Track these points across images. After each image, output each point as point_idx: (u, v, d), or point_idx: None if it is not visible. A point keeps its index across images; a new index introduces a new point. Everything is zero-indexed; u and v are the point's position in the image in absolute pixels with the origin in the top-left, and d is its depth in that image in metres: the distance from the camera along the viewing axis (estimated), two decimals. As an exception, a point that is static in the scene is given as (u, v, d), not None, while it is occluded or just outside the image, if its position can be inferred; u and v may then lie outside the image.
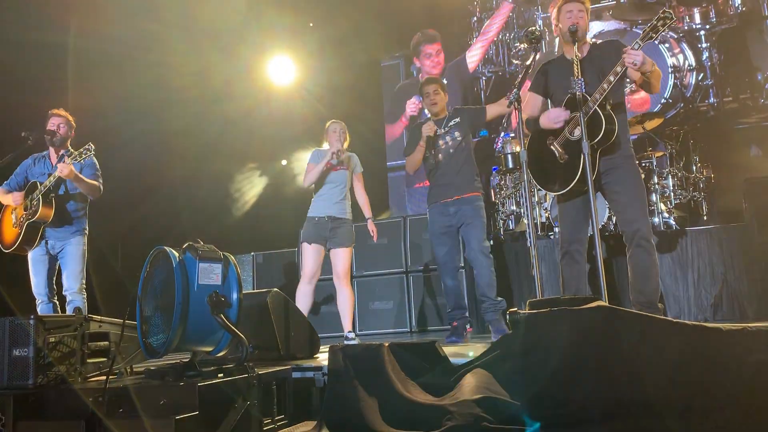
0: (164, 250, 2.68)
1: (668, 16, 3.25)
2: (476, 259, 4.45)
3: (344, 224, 4.86)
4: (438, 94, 4.73)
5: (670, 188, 6.18)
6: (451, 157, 4.61)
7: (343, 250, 4.79)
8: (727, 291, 5.30)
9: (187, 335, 2.59)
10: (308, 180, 4.84)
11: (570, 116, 3.59)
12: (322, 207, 4.86)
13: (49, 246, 4.56)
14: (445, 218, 4.61)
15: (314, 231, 4.80)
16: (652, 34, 3.30)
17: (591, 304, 2.20)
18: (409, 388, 2.47)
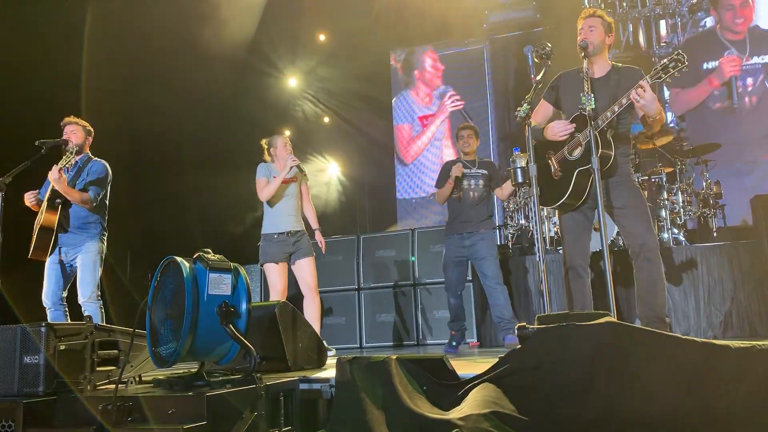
0: (175, 259, 2.70)
1: (680, 59, 3.17)
2: (494, 289, 5.06)
3: (303, 236, 4.96)
4: (471, 137, 5.32)
5: (680, 204, 6.17)
6: (473, 200, 5.22)
7: (308, 260, 4.89)
8: (737, 308, 5.27)
9: (197, 345, 2.60)
10: (266, 195, 4.89)
11: (572, 133, 3.62)
12: (281, 223, 4.91)
13: (62, 253, 4.57)
14: (461, 249, 5.20)
15: (277, 248, 4.88)
16: (662, 74, 3.23)
17: (601, 320, 2.20)
18: (416, 401, 2.46)
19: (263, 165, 5.04)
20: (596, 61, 3.69)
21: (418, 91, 9.56)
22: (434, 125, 9.35)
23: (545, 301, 3.25)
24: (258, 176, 4.96)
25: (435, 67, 9.45)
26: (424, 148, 9.32)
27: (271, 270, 4.90)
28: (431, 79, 9.46)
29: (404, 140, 9.50)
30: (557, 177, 3.68)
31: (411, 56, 9.63)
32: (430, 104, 9.41)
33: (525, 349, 2.33)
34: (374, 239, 7.12)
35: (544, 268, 3.32)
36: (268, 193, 4.86)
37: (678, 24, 7.83)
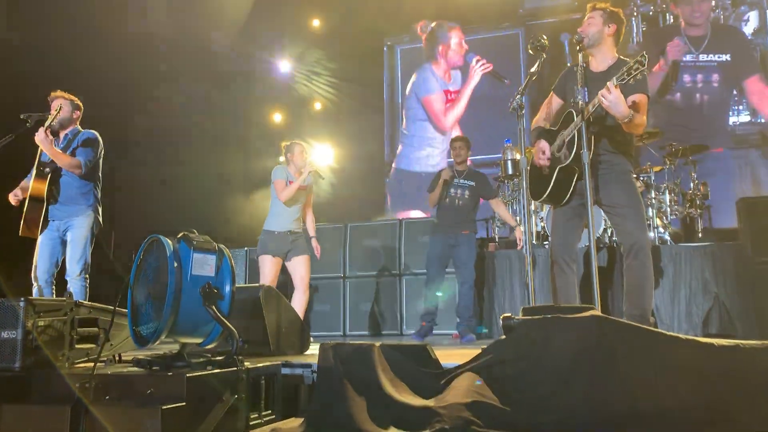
0: (159, 238, 2.66)
1: (642, 61, 3.11)
2: (465, 292, 5.55)
3: (301, 236, 5.33)
4: (462, 149, 5.73)
5: (667, 203, 6.20)
6: (458, 207, 5.64)
7: (304, 258, 5.23)
8: (718, 308, 5.32)
9: (178, 325, 2.57)
10: (286, 196, 5.16)
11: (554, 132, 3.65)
12: (283, 222, 5.24)
13: (55, 227, 4.47)
14: (445, 248, 5.61)
15: (275, 244, 5.21)
16: (625, 76, 3.17)
17: (585, 313, 2.20)
18: (398, 388, 2.45)
19: (281, 167, 5.33)
20: (596, 53, 3.64)
21: (439, 64, 9.47)
22: (468, 89, 9.27)
23: (530, 294, 3.25)
24: (277, 177, 5.25)
25: (460, 45, 9.38)
26: (463, 113, 9.22)
27: (266, 261, 5.19)
28: (453, 57, 9.39)
29: (437, 111, 9.40)
30: (545, 173, 3.68)
31: (439, 30, 9.52)
32: (450, 81, 9.36)
33: (509, 339, 2.33)
34: (362, 228, 7.10)
35: (530, 261, 3.32)
36: (287, 195, 5.15)
37: (721, 17, 7.79)
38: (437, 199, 5.66)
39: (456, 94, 9.33)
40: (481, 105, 8.93)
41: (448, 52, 9.44)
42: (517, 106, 3.48)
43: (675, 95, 7.76)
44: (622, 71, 3.19)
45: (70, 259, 4.43)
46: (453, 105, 9.32)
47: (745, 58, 7.70)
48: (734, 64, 7.60)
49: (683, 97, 7.75)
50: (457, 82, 9.37)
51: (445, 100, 9.37)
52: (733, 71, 7.63)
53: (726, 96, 7.62)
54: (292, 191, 5.14)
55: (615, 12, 3.64)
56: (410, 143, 9.52)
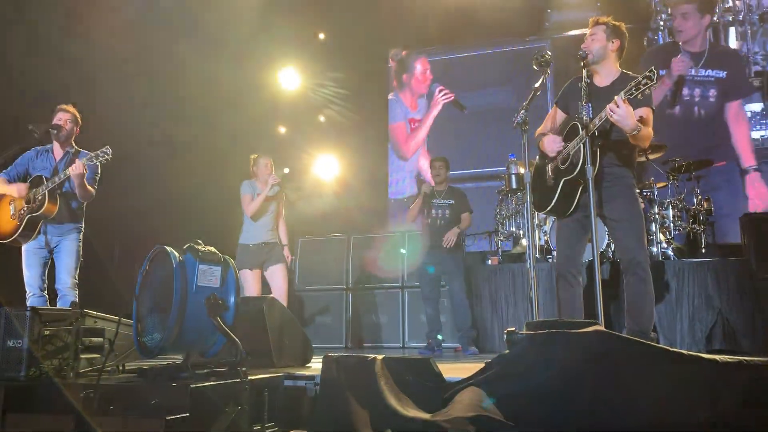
0: (165, 249, 2.68)
1: (651, 76, 3.13)
2: (458, 303, 5.69)
3: (276, 246, 5.47)
4: (442, 168, 5.90)
5: (670, 219, 6.20)
6: (441, 226, 5.77)
7: (280, 267, 5.40)
8: (722, 324, 5.30)
9: (183, 336, 2.59)
10: (252, 210, 5.41)
11: (562, 148, 3.64)
12: (257, 234, 5.43)
13: (47, 240, 4.53)
14: (434, 265, 5.75)
15: (252, 257, 5.39)
16: (634, 90, 3.18)
17: (589, 328, 2.20)
18: (402, 402, 2.46)
19: (247, 182, 5.55)
20: (600, 69, 3.65)
21: (405, 93, 9.60)
22: (431, 118, 9.39)
23: (534, 309, 3.26)
24: (243, 192, 5.48)
25: (424, 74, 9.50)
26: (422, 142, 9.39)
27: (246, 276, 5.37)
28: (418, 85, 9.52)
29: (398, 139, 9.58)
30: (550, 184, 3.69)
31: (407, 59, 9.64)
32: (415, 110, 9.49)
33: (513, 354, 2.33)
34: (364, 240, 7.11)
35: (533, 275, 3.33)
36: (253, 208, 5.37)
37: (748, 32, 7.87)
38: (416, 213, 5.84)
39: (418, 123, 9.46)
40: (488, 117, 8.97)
41: (413, 81, 9.55)
42: (521, 121, 3.50)
43: (675, 109, 7.84)
44: (631, 86, 3.20)
45: (64, 269, 4.49)
46: (414, 133, 9.46)
47: (738, 78, 7.82)
48: (728, 81, 7.74)
49: (683, 111, 7.85)
50: (422, 111, 9.51)
51: (408, 128, 9.49)
52: (726, 88, 7.75)
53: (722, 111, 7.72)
54: (257, 204, 5.35)
55: (618, 26, 3.65)
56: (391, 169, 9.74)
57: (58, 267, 4.52)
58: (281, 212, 5.64)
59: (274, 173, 5.50)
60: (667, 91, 7.78)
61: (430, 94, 9.45)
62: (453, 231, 5.70)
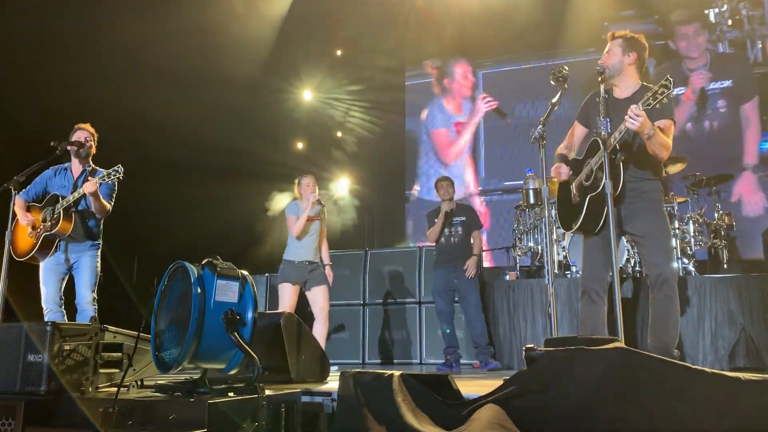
0: (183, 264, 2.70)
1: (667, 85, 3.12)
2: (473, 319, 5.74)
3: (319, 267, 5.54)
4: (450, 187, 6.01)
5: (691, 234, 6.13)
6: (455, 244, 5.89)
7: (323, 288, 5.45)
8: (745, 341, 5.21)
9: (200, 351, 2.59)
10: (297, 231, 5.42)
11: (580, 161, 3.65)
12: (301, 253, 5.47)
13: (64, 257, 4.58)
14: (447, 281, 5.84)
15: (295, 273, 5.43)
16: (651, 101, 3.17)
17: (609, 345, 2.17)
18: (419, 419, 2.43)
19: (292, 203, 5.62)
20: (619, 82, 3.65)
21: (448, 98, 9.60)
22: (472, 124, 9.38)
23: (553, 325, 3.22)
24: (288, 213, 5.55)
25: (465, 77, 9.50)
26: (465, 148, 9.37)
27: (286, 289, 5.41)
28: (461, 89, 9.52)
29: (441, 144, 9.57)
30: (575, 202, 3.66)
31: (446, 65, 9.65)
32: (459, 113, 9.48)
33: (532, 371, 2.30)
34: (381, 255, 7.11)
35: (552, 291, 3.30)
36: (297, 229, 5.41)
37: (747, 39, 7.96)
38: (438, 233, 5.91)
39: (461, 126, 9.43)
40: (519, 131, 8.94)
41: (454, 85, 9.56)
42: (539, 136, 3.48)
43: (686, 125, 7.82)
44: (647, 96, 3.19)
45: (83, 285, 4.54)
46: (456, 139, 9.42)
47: (745, 82, 7.83)
48: (735, 88, 7.75)
49: (694, 126, 7.86)
50: (467, 114, 9.46)
51: (453, 132, 9.47)
52: (735, 95, 7.76)
53: (734, 120, 7.72)
54: (300, 225, 5.39)
55: (634, 39, 3.65)
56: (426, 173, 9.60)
57: (77, 283, 4.57)
58: (323, 232, 5.70)
59: (316, 192, 5.54)
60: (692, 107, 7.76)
61: (474, 100, 9.44)
62: (473, 261, 5.77)
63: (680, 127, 7.72)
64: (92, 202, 4.51)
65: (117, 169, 4.43)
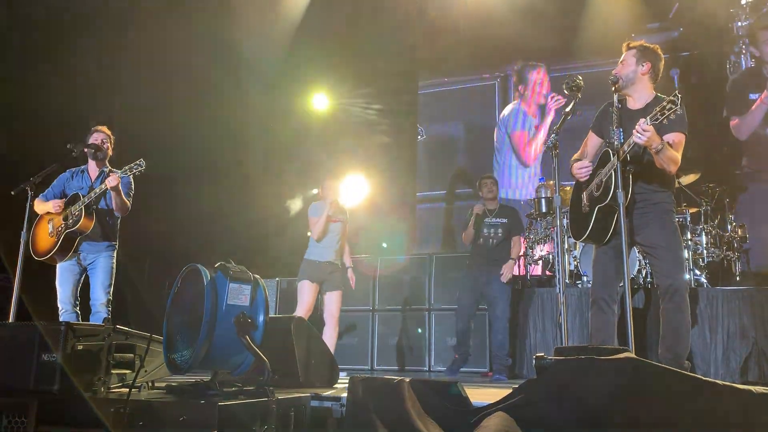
0: (197, 267, 2.72)
1: (675, 101, 3.12)
2: (498, 329, 5.55)
3: (338, 269, 5.53)
4: (494, 185, 5.84)
5: (703, 246, 6.09)
6: (492, 246, 5.68)
7: (338, 293, 5.47)
8: (757, 354, 5.16)
9: (212, 354, 2.61)
10: (316, 232, 5.45)
11: (592, 171, 3.65)
12: (323, 253, 5.48)
13: (81, 257, 4.62)
14: (477, 283, 5.66)
15: (316, 272, 5.45)
16: (659, 116, 3.17)
17: (620, 355, 2.17)
18: (428, 425, 2.44)
19: (314, 204, 5.64)
20: (633, 92, 3.65)
21: (526, 102, 9.63)
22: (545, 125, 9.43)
23: (564, 334, 3.22)
24: (310, 214, 5.58)
25: (541, 84, 9.53)
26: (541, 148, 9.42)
27: (305, 287, 5.44)
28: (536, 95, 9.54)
29: (520, 146, 9.60)
30: (585, 211, 3.66)
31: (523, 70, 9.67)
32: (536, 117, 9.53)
33: (541, 380, 2.30)
34: (392, 261, 7.11)
35: (563, 300, 3.29)
36: (317, 230, 5.45)
37: None
38: (472, 235, 5.71)
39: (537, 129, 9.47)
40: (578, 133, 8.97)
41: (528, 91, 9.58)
42: (552, 145, 3.49)
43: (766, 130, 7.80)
44: (656, 111, 3.19)
45: (99, 286, 4.57)
46: (532, 140, 9.45)
47: None
48: None
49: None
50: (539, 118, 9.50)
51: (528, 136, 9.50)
52: None
53: None
54: (320, 226, 5.41)
55: (649, 49, 3.65)
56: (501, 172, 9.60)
57: (92, 284, 4.60)
58: (345, 234, 5.67)
59: (338, 194, 5.61)
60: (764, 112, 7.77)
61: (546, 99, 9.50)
62: (509, 265, 5.58)
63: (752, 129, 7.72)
64: (113, 198, 4.54)
65: (139, 163, 4.44)
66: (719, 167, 7.32)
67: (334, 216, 5.52)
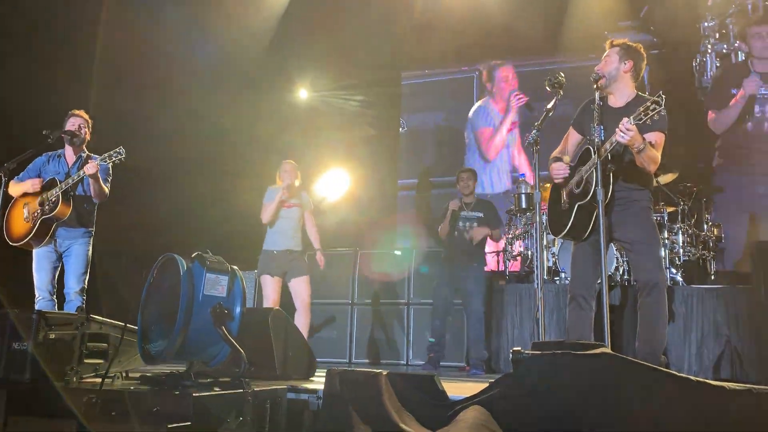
0: (173, 257, 2.69)
1: (659, 101, 3.14)
2: (474, 324, 5.53)
3: (300, 255, 5.36)
4: (470, 179, 5.79)
5: (680, 244, 6.16)
6: (467, 240, 5.63)
7: (303, 279, 5.29)
8: (730, 352, 5.25)
9: (187, 345, 2.58)
10: (264, 216, 5.31)
11: (567, 175, 3.66)
12: (277, 241, 5.31)
13: (57, 244, 4.55)
14: (453, 279, 5.63)
15: (273, 264, 5.29)
16: (642, 116, 3.19)
17: (595, 350, 2.19)
18: (404, 418, 2.44)
19: (270, 189, 5.47)
20: (615, 90, 3.67)
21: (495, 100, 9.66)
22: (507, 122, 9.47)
23: (540, 330, 3.24)
24: (264, 201, 5.41)
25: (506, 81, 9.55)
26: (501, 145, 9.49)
27: (266, 282, 5.30)
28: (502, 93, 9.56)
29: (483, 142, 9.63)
30: (565, 208, 3.68)
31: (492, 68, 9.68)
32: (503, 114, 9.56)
33: (518, 374, 2.31)
34: (372, 255, 7.10)
35: (541, 295, 3.31)
36: (264, 214, 5.31)
37: None
38: (448, 229, 5.68)
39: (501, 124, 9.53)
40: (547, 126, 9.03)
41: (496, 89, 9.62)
42: (533, 141, 3.50)
43: (748, 125, 7.99)
44: (639, 111, 3.21)
45: (73, 273, 4.50)
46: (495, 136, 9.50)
47: None
48: None
49: (754, 126, 8.00)
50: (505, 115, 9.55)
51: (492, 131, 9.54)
52: None
53: None
54: (270, 211, 5.26)
55: (632, 47, 3.68)
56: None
57: (67, 271, 4.52)
58: (308, 219, 5.47)
59: (295, 178, 5.39)
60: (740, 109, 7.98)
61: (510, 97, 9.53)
62: (482, 230, 5.57)
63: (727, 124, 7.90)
64: (92, 185, 4.47)
65: (119, 151, 4.38)
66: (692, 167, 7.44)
67: (289, 201, 5.31)
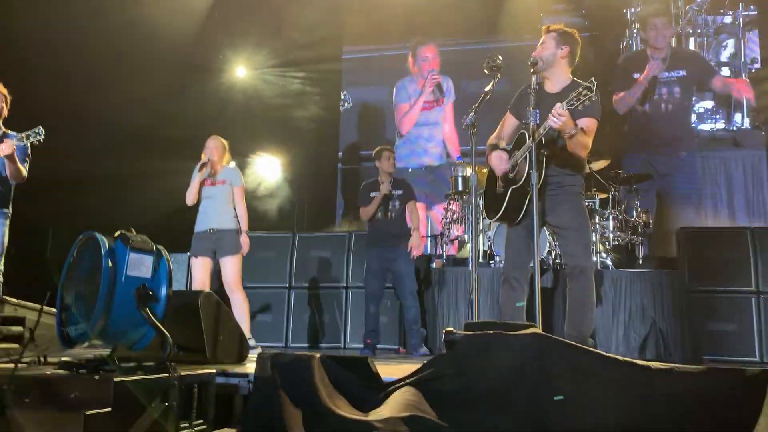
0: (94, 235, 2.56)
1: (590, 87, 3.19)
2: (407, 300, 5.53)
3: (228, 234, 5.07)
4: (392, 158, 5.68)
5: (610, 229, 6.34)
6: (393, 220, 5.60)
7: (230, 258, 5.03)
8: (655, 334, 5.45)
9: (109, 327, 2.46)
10: (188, 197, 5.15)
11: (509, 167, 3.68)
12: (202, 220, 5.14)
13: None
14: (383, 261, 5.57)
15: (200, 244, 5.11)
16: (575, 101, 3.23)
17: (526, 330, 2.20)
18: (336, 401, 2.40)
19: (195, 168, 5.22)
20: (551, 75, 3.69)
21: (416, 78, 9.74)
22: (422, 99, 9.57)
23: (474, 311, 3.26)
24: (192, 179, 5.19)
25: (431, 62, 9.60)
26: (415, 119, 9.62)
27: (194, 263, 5.18)
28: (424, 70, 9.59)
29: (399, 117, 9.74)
30: (499, 192, 3.70)
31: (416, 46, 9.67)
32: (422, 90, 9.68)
33: (449, 354, 2.31)
34: (310, 239, 7.02)
35: (476, 277, 3.33)
36: (187, 195, 5.15)
37: (704, 43, 8.72)
38: (373, 212, 5.57)
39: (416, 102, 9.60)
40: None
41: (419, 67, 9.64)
42: (470, 124, 3.50)
43: (645, 106, 8.52)
44: (572, 96, 3.25)
45: None
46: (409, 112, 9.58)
47: (700, 68, 8.55)
48: (689, 76, 8.53)
49: (652, 108, 8.52)
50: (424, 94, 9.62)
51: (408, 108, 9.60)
52: (690, 81, 8.55)
53: (687, 103, 8.52)
54: (190, 191, 5.11)
55: (568, 33, 3.71)
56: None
57: None
58: (237, 196, 5.18)
59: (218, 154, 5.17)
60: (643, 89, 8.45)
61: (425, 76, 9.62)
62: (415, 238, 5.50)
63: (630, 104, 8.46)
64: (7, 166, 4.23)
65: (38, 131, 4.15)
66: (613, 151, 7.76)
67: (215, 179, 5.13)
